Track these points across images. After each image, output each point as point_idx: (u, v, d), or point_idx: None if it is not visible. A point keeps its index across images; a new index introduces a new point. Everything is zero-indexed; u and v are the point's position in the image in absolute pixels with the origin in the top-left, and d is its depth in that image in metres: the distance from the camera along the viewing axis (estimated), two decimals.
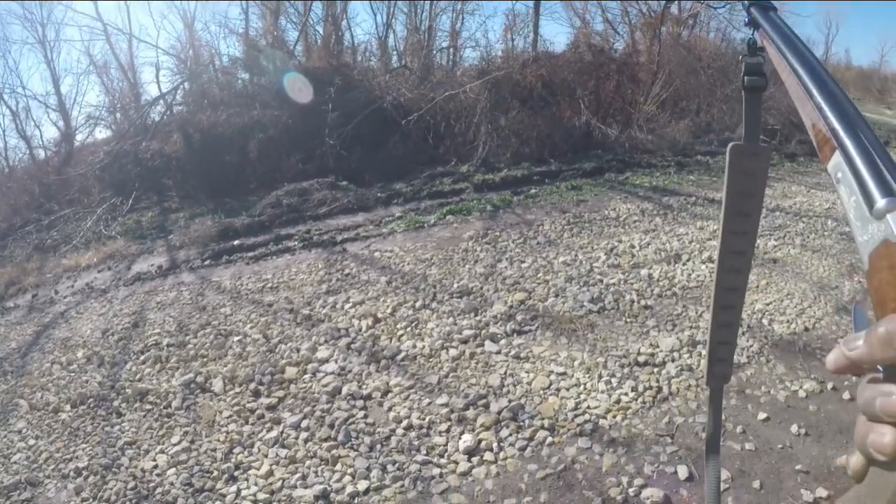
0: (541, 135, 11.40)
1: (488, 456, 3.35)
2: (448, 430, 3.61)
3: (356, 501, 3.20)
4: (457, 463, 3.34)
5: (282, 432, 3.86)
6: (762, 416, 3.49)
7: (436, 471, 3.30)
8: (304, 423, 3.90)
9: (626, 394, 3.77)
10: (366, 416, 3.88)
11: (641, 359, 4.14)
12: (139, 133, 13.63)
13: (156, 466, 3.79)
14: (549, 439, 3.42)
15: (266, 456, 3.67)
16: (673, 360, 4.12)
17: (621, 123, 12.58)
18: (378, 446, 3.58)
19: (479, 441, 3.47)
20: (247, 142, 11.96)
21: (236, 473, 3.57)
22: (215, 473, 3.60)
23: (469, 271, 6.07)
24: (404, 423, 3.74)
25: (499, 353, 4.39)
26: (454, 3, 17.58)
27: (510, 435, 3.49)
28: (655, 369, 4.03)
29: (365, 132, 11.47)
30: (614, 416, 3.57)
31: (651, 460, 3.18)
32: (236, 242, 8.38)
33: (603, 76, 13.53)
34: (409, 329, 4.96)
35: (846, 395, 3.64)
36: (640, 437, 3.38)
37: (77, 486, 3.74)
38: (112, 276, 8.44)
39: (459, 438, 3.51)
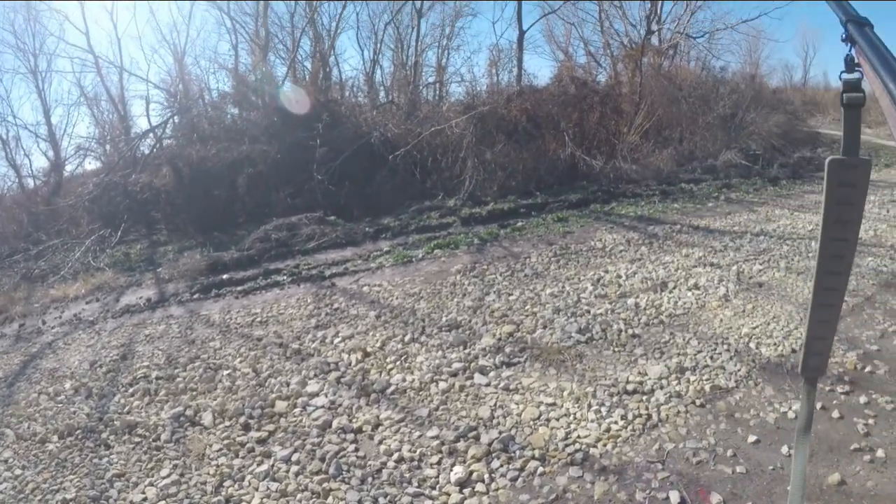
0: (527, 168, 11.52)
1: (480, 487, 3.35)
2: (439, 463, 3.61)
3: None
4: (448, 495, 3.33)
5: (272, 465, 3.83)
6: (752, 438, 3.52)
7: (427, 503, 3.30)
8: (294, 457, 3.88)
9: (615, 422, 3.79)
10: (357, 450, 3.87)
11: (630, 387, 4.16)
12: (129, 165, 13.73)
13: (145, 499, 3.74)
14: (541, 469, 3.43)
15: (257, 489, 3.65)
16: (661, 388, 4.15)
17: (606, 154, 12.72)
18: (369, 479, 3.56)
19: (471, 472, 3.47)
20: (236, 176, 12.02)
21: None
22: None
23: (457, 305, 6.10)
24: (395, 455, 3.73)
25: (488, 385, 4.40)
26: (440, 39, 17.85)
27: (501, 466, 3.50)
28: (644, 397, 4.05)
29: (353, 167, 11.56)
30: (605, 445, 3.58)
31: (642, 487, 3.20)
32: (225, 276, 8.39)
33: (586, 108, 13.70)
34: (398, 363, 4.96)
35: (835, 414, 3.68)
36: (630, 464, 3.40)
37: None
38: (100, 307, 8.40)
39: (451, 470, 3.51)
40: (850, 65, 1.10)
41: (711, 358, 4.56)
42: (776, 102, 18.67)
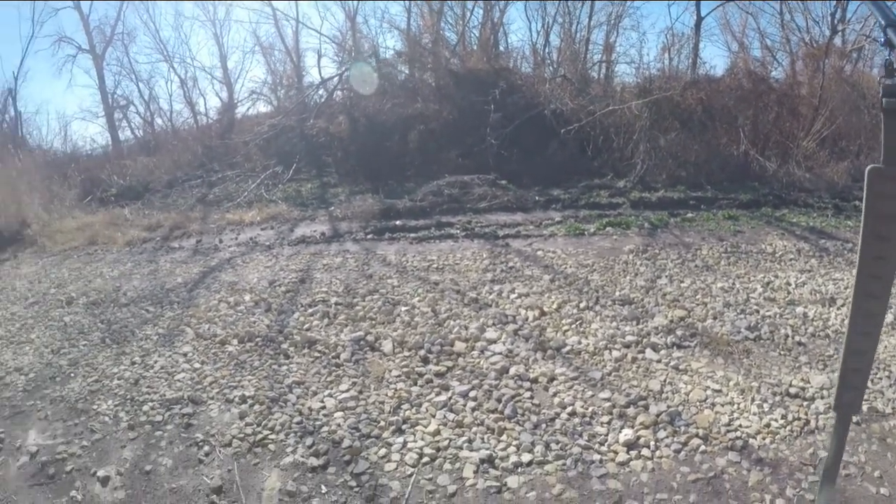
0: (698, 160, 11.25)
1: (645, 452, 3.56)
2: (609, 423, 3.85)
3: (519, 470, 3.47)
4: (616, 453, 3.56)
5: (450, 398, 4.19)
6: None
7: (596, 456, 3.54)
8: (472, 394, 4.23)
9: (775, 420, 3.86)
10: (532, 397, 4.17)
11: (793, 391, 4.19)
12: (302, 111, 14.55)
13: (323, 407, 4.19)
14: (703, 447, 3.58)
15: (433, 416, 4.01)
16: (822, 398, 4.14)
17: (779, 157, 12.17)
18: (543, 425, 3.85)
19: (638, 437, 3.68)
20: (408, 131, 12.56)
21: (404, 427, 3.92)
22: (382, 424, 3.96)
23: (630, 282, 6.28)
24: (568, 409, 4.01)
25: (659, 361, 4.59)
26: (610, 17, 17.41)
27: (667, 437, 3.68)
28: (805, 403, 4.08)
29: (524, 136, 11.80)
30: (763, 438, 3.67)
31: (793, 485, 3.27)
32: (398, 222, 8.92)
33: (762, 106, 13.07)
34: (573, 326, 5.24)
35: None
36: (785, 461, 3.47)
37: (241, 411, 4.18)
38: (275, 235, 9.13)
39: (620, 431, 3.74)
40: (892, 70, 1.13)
41: (871, 381, 4.47)
42: None
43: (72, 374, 5.09)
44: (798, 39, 17.78)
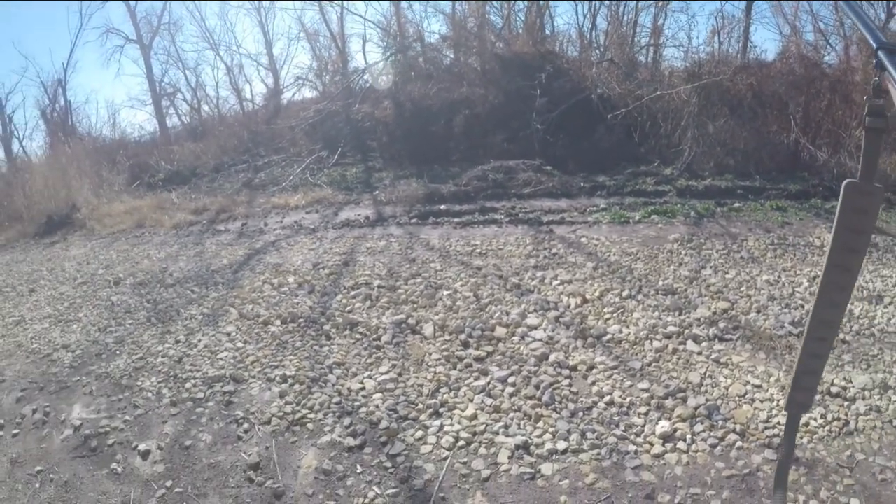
0: (747, 147, 10.96)
1: (681, 445, 3.55)
2: (647, 414, 3.86)
3: (553, 458, 3.51)
4: (652, 445, 3.57)
5: (488, 383, 4.25)
6: None
7: (631, 447, 3.56)
8: (510, 380, 4.28)
9: (815, 419, 3.79)
10: (570, 385, 4.21)
11: (834, 390, 4.12)
12: (347, 97, 14.70)
13: (362, 389, 4.29)
14: (739, 443, 3.55)
15: (471, 401, 4.07)
16: (863, 399, 4.06)
17: (830, 147, 11.79)
18: (580, 414, 3.89)
19: (675, 430, 3.68)
20: (453, 116, 12.56)
21: (441, 410, 3.99)
22: (420, 406, 4.05)
23: (674, 272, 6.22)
24: (606, 398, 4.03)
25: (700, 354, 4.55)
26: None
27: (703, 431, 3.67)
28: (846, 403, 4.00)
29: (570, 121, 11.70)
30: (801, 438, 3.60)
31: (828, 487, 3.23)
32: (443, 207, 8.98)
33: (814, 92, 12.63)
34: (615, 314, 5.23)
35: None
36: (821, 462, 3.42)
37: (282, 390, 4.31)
38: (320, 218, 9.27)
39: (657, 423, 3.75)
40: (878, 90, 1.15)
41: None
42: None
43: (117, 352, 5.32)
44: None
